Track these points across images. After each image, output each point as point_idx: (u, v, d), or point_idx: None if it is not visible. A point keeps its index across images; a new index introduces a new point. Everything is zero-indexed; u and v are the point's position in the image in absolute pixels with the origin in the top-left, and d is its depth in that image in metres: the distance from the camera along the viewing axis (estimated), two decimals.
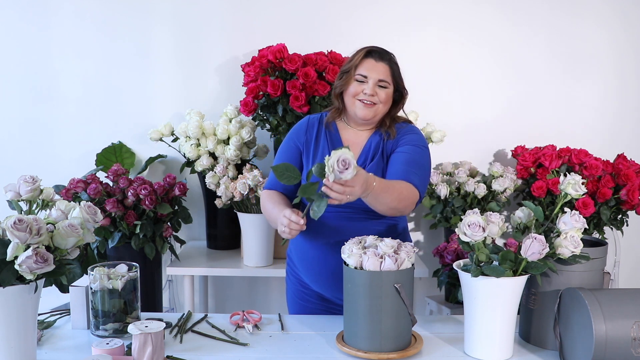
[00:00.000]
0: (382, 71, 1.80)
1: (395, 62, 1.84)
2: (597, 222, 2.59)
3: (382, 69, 1.80)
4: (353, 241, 1.57)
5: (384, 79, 1.80)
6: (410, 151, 1.78)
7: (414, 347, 1.53)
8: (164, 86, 2.89)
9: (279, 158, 1.91)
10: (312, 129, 1.89)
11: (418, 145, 1.80)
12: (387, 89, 1.80)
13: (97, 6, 2.82)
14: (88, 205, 1.45)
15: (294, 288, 1.99)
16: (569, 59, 2.94)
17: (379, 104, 1.80)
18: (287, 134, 1.95)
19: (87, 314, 1.68)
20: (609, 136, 2.99)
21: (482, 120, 2.95)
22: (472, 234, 1.46)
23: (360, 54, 1.83)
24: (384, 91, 1.80)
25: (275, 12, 2.85)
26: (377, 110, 1.81)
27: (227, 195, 2.44)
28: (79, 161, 2.83)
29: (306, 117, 1.95)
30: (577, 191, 1.53)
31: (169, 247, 2.48)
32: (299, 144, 1.89)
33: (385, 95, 1.80)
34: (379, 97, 1.79)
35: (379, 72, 1.79)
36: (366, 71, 1.80)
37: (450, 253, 2.36)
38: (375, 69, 1.80)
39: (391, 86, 1.81)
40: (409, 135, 1.83)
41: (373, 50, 1.83)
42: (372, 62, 1.80)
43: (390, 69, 1.81)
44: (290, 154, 1.89)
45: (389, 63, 1.81)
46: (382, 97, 1.80)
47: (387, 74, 1.80)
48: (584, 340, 1.39)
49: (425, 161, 1.81)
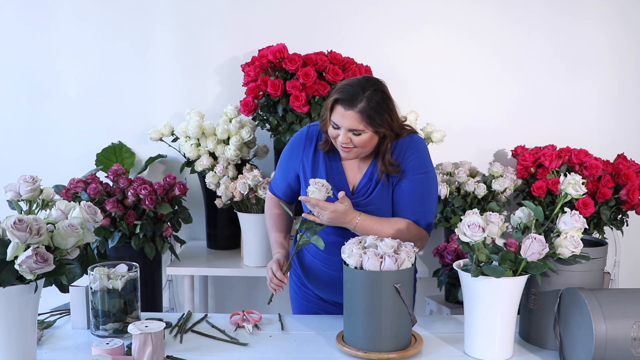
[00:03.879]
0: (352, 121, 1.64)
1: (371, 103, 1.64)
2: (597, 222, 2.58)
3: (351, 118, 1.64)
4: (353, 241, 1.57)
5: (354, 128, 1.65)
6: (414, 185, 1.73)
7: (414, 347, 1.53)
8: (164, 86, 2.89)
9: (278, 174, 1.92)
10: (310, 147, 1.82)
11: (420, 174, 1.74)
12: (361, 135, 1.66)
13: (97, 6, 2.82)
14: (88, 205, 1.45)
15: (296, 287, 2.01)
16: (569, 59, 2.94)
17: (357, 147, 1.69)
18: (285, 149, 1.89)
19: (87, 314, 1.68)
20: (609, 136, 2.98)
21: (482, 120, 2.95)
22: (472, 234, 1.46)
23: (331, 101, 1.68)
24: (359, 138, 1.66)
25: (275, 12, 2.85)
26: (358, 152, 1.71)
27: (227, 195, 2.44)
28: (79, 161, 2.83)
29: (305, 127, 1.86)
30: (577, 191, 1.53)
31: (169, 247, 2.48)
32: (296, 168, 1.85)
33: (360, 140, 1.67)
34: (354, 142, 1.67)
35: (348, 121, 1.64)
36: (337, 120, 1.67)
37: (450, 253, 2.36)
38: (344, 118, 1.65)
39: (368, 131, 1.66)
40: (412, 160, 1.73)
41: (341, 98, 1.65)
42: (342, 110, 1.65)
43: (360, 116, 1.63)
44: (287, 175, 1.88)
45: (360, 111, 1.63)
46: (358, 142, 1.67)
47: (357, 122, 1.64)
48: (584, 340, 1.39)
49: (430, 189, 1.76)
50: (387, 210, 1.78)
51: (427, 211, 1.76)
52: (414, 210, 1.74)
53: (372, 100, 1.64)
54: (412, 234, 1.72)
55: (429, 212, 1.77)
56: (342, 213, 1.67)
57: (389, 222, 1.73)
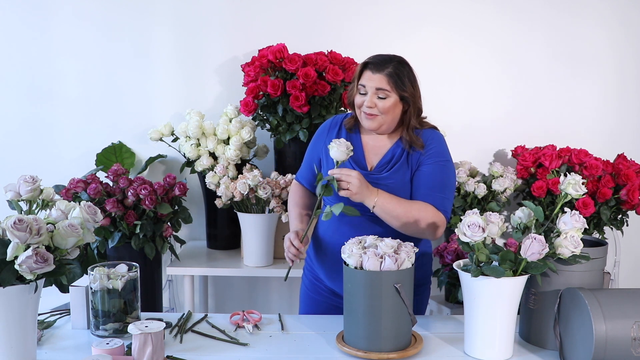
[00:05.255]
0: (379, 82, 1.76)
1: (398, 70, 1.77)
2: (597, 222, 2.58)
3: (379, 79, 1.76)
4: (353, 241, 1.57)
5: (382, 88, 1.76)
6: (434, 171, 1.79)
7: (413, 347, 1.53)
8: (164, 86, 2.89)
9: (305, 161, 2.00)
10: (334, 130, 1.92)
11: (440, 161, 1.80)
12: (386, 99, 1.76)
13: (97, 6, 2.82)
14: (88, 205, 1.45)
15: (308, 282, 2.02)
16: (569, 59, 2.94)
17: (379, 115, 1.78)
18: (314, 135, 1.99)
19: (87, 314, 1.68)
20: (609, 136, 2.98)
21: (482, 120, 2.95)
22: (471, 234, 1.46)
23: (360, 66, 1.82)
24: (383, 102, 1.76)
25: (275, 12, 2.85)
26: (381, 121, 1.79)
27: (227, 195, 2.44)
28: (79, 161, 2.83)
29: (332, 117, 1.98)
30: (577, 191, 1.53)
31: (169, 247, 2.48)
32: (319, 152, 1.94)
33: (384, 105, 1.76)
34: (378, 108, 1.77)
35: (375, 82, 1.76)
36: (365, 82, 1.79)
37: (450, 253, 2.36)
38: (371, 80, 1.77)
39: (393, 96, 1.77)
40: (433, 148, 1.81)
41: (370, 62, 1.79)
42: (369, 73, 1.78)
43: (387, 79, 1.76)
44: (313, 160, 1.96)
45: (387, 74, 1.76)
46: (382, 108, 1.77)
47: (384, 83, 1.76)
48: (584, 340, 1.39)
49: (449, 178, 1.82)
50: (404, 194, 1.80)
51: (446, 198, 1.79)
52: (433, 195, 1.77)
53: (399, 68, 1.77)
54: (429, 216, 1.74)
55: (447, 200, 1.80)
56: (364, 179, 1.70)
57: (406, 201, 1.77)
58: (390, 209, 1.72)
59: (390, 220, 1.74)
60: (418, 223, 1.73)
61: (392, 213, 1.73)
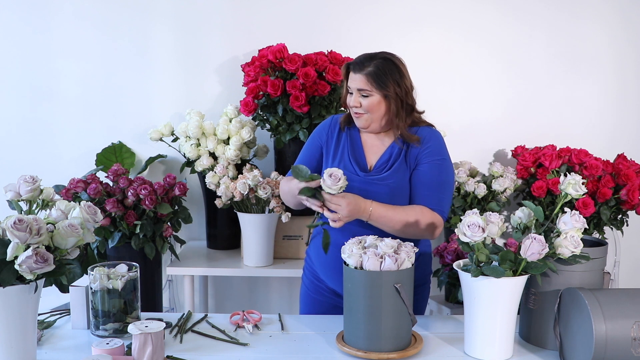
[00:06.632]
0: (359, 82, 1.80)
1: (379, 68, 1.78)
2: (597, 222, 2.58)
3: (359, 80, 1.80)
4: (353, 241, 1.57)
5: (362, 88, 1.79)
6: (432, 170, 1.81)
7: (413, 347, 1.54)
8: (164, 86, 2.89)
9: (301, 154, 2.00)
10: (334, 128, 1.95)
11: (438, 160, 1.82)
12: (369, 97, 1.80)
13: (97, 6, 2.82)
14: (88, 205, 1.45)
15: (309, 282, 2.02)
16: (569, 59, 2.94)
17: (365, 113, 1.82)
18: (313, 131, 2.01)
19: (87, 314, 1.68)
20: (609, 136, 2.98)
21: (482, 120, 2.95)
22: (471, 234, 1.46)
23: (344, 67, 1.87)
24: (367, 100, 1.80)
25: (275, 12, 2.85)
26: (368, 119, 1.83)
27: (227, 195, 2.44)
28: (79, 161, 2.83)
29: (331, 116, 2.01)
30: (577, 191, 1.53)
31: (169, 247, 2.48)
32: (321, 143, 1.96)
33: (369, 103, 1.80)
34: (363, 107, 1.81)
35: (357, 83, 1.81)
36: (349, 83, 1.84)
37: (450, 253, 2.36)
38: (353, 80, 1.82)
39: (375, 94, 1.80)
40: (430, 146, 1.83)
41: (352, 62, 1.84)
42: (352, 74, 1.83)
43: (367, 78, 1.78)
44: (311, 152, 1.97)
45: (367, 73, 1.78)
46: (366, 106, 1.81)
47: (364, 83, 1.79)
48: (584, 340, 1.39)
49: (447, 177, 1.84)
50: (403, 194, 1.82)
51: (444, 197, 1.81)
52: (431, 195, 1.79)
53: (379, 66, 1.79)
54: (426, 219, 1.76)
55: (445, 199, 1.82)
56: (354, 201, 1.70)
57: (401, 208, 1.78)
58: (385, 220, 1.75)
59: (386, 229, 1.77)
60: (415, 227, 1.75)
61: (388, 224, 1.75)
